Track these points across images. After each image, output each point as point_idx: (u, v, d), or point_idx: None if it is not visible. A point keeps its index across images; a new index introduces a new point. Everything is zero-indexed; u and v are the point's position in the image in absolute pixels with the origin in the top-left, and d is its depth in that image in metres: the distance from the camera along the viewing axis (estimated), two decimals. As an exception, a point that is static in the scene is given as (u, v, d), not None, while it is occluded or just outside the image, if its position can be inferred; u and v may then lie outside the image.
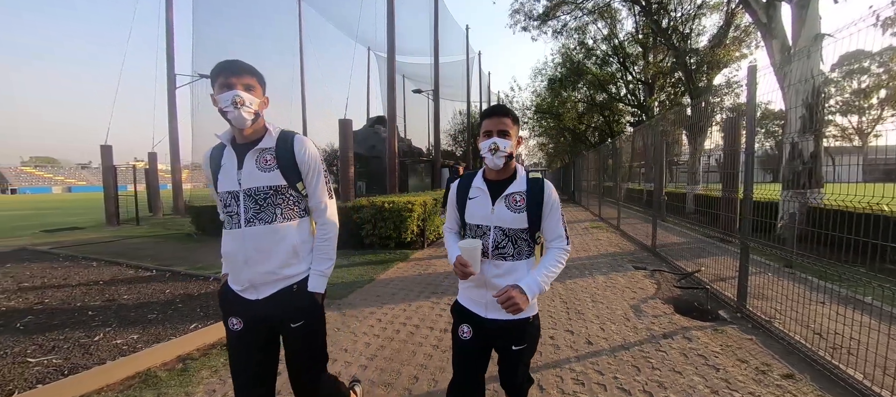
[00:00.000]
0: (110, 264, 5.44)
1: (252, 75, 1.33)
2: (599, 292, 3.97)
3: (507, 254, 1.31)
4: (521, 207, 1.30)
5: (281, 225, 1.32)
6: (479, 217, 1.35)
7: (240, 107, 1.26)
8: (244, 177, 1.31)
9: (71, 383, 2.16)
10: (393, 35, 9.30)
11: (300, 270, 1.36)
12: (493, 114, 1.32)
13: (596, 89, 20.10)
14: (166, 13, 12.80)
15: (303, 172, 1.36)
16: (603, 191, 11.90)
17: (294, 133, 1.39)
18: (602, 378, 2.28)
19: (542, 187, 1.32)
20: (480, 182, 1.38)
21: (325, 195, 1.41)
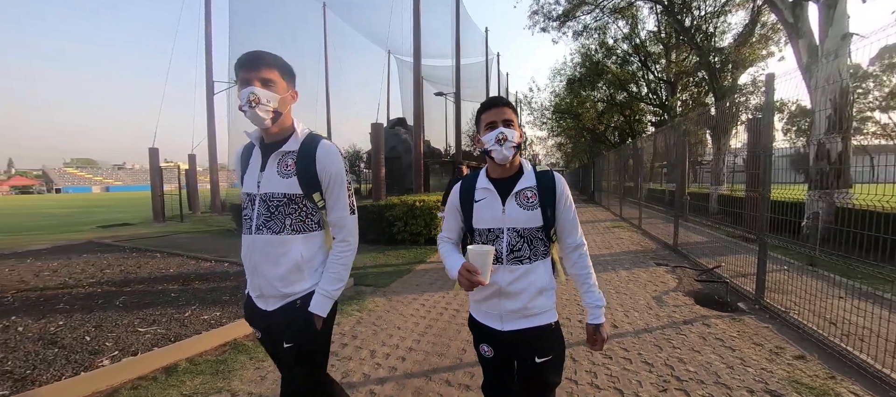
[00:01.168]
0: (172, 255, 6.07)
1: (272, 67, 1.18)
2: (622, 285, 4.24)
3: (523, 256, 1.19)
4: (534, 203, 1.19)
5: (287, 237, 1.21)
6: (488, 220, 1.21)
7: (255, 106, 1.15)
8: (263, 181, 1.22)
9: (180, 347, 2.64)
10: (419, 43, 9.73)
11: (304, 287, 1.23)
12: (493, 105, 1.22)
13: (616, 88, 20.01)
14: (206, 26, 13.68)
15: (322, 183, 1.23)
16: (624, 191, 11.97)
17: (320, 138, 1.26)
18: (627, 354, 2.58)
19: (553, 179, 1.22)
20: (485, 182, 1.24)
21: (345, 210, 1.26)
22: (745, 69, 12.28)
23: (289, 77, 1.24)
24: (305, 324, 1.21)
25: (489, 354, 1.27)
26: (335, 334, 3.00)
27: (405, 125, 24.80)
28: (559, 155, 43.04)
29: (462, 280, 1.13)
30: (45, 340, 2.80)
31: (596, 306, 1.23)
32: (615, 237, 7.68)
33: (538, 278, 1.19)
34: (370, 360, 2.55)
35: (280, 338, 1.23)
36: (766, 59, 12.39)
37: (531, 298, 1.18)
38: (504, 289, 1.19)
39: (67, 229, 11.04)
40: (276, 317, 1.23)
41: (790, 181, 3.98)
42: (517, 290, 1.18)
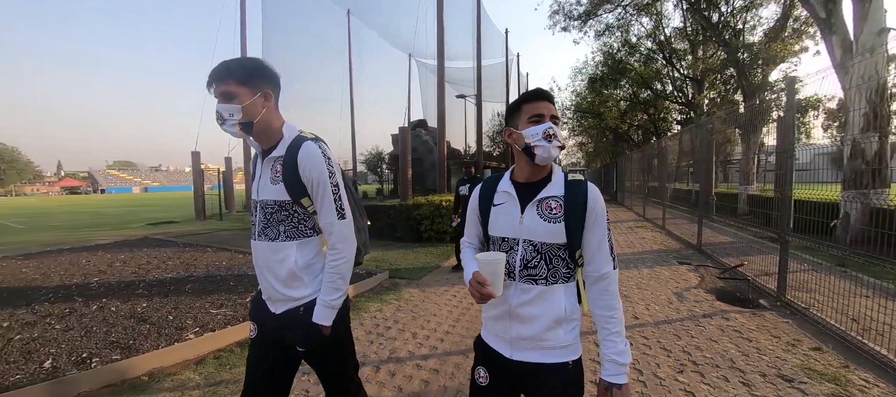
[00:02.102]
0: (221, 250, 6.66)
1: (227, 79, 1.13)
2: (644, 282, 4.40)
3: (538, 276, 1.02)
4: (558, 216, 1.02)
5: (282, 243, 1.20)
6: (504, 228, 1.07)
7: (224, 123, 1.14)
8: (260, 188, 1.23)
9: (238, 330, 3.06)
10: (442, 49, 10.07)
11: (306, 293, 1.22)
12: (540, 97, 1.06)
13: (639, 86, 19.70)
14: (241, 35, 14.55)
15: (307, 187, 1.19)
16: (648, 191, 11.88)
17: (304, 139, 1.21)
18: (647, 341, 2.80)
19: (586, 192, 1.03)
20: (507, 184, 1.10)
21: (333, 215, 1.20)
22: (776, 65, 11.92)
23: (254, 81, 1.15)
24: (311, 331, 1.19)
25: (483, 381, 1.10)
26: (378, 319, 3.36)
27: (426, 127, 25.28)
28: (580, 154, 42.45)
29: (473, 292, 1.00)
30: (136, 318, 3.29)
31: (615, 360, 0.99)
32: (638, 237, 7.74)
33: (556, 305, 1.01)
34: (412, 341, 2.88)
35: (282, 338, 1.23)
36: (798, 54, 11.98)
37: (547, 327, 1.01)
38: (514, 311, 1.04)
39: (121, 226, 12.07)
40: (282, 322, 1.22)
41: (832, 180, 3.93)
42: (529, 315, 1.02)
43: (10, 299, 3.88)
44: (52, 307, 3.63)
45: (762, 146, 10.48)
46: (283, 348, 1.24)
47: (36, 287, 4.38)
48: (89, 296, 4.00)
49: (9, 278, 4.79)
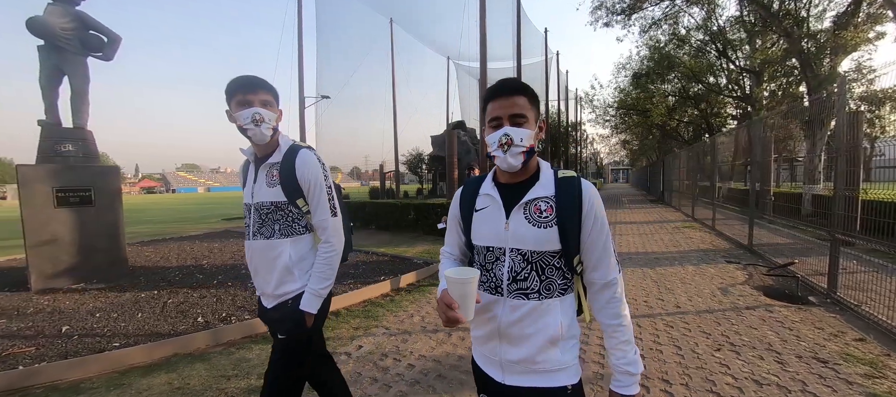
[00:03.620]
0: (293, 242, 7.62)
1: (267, 90, 1.32)
2: (689, 278, 4.57)
3: (529, 290, 0.91)
4: (549, 220, 0.90)
5: (277, 241, 1.32)
6: (488, 236, 0.96)
7: (260, 125, 1.27)
8: (255, 191, 1.35)
9: (335, 301, 3.74)
10: (485, 51, 10.51)
11: (295, 287, 1.34)
12: (500, 92, 0.92)
13: (689, 81, 18.75)
14: (298, 49, 15.96)
15: (304, 189, 1.33)
16: (698, 191, 11.48)
17: (299, 148, 1.37)
18: (687, 326, 3.08)
19: (580, 190, 0.92)
20: (490, 186, 0.98)
21: (327, 213, 1.34)
22: (846, 54, 10.98)
23: (277, 98, 1.37)
24: (297, 321, 1.30)
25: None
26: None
27: (464, 128, 25.83)
28: (623, 152, 40.76)
29: (440, 314, 0.87)
30: (250, 290, 4.12)
31: (626, 370, 0.89)
32: (684, 236, 7.69)
33: (551, 322, 0.90)
34: (473, 317, 3.39)
35: (275, 330, 1.36)
36: (874, 41, 10.95)
37: (540, 349, 0.90)
38: (504, 330, 0.92)
39: (201, 221, 13.83)
40: (272, 314, 1.36)
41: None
42: (520, 335, 0.91)
43: (148, 277, 4.92)
44: (184, 281, 4.59)
45: (830, 143, 9.78)
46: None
47: (162, 267, 5.46)
48: (206, 274, 4.95)
49: (140, 261, 5.95)
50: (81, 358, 2.60)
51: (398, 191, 20.90)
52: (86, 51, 4.92)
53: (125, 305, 3.74)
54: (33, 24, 4.50)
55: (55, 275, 4.44)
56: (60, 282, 4.46)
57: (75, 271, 4.58)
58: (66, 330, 3.14)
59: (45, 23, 4.53)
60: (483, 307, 0.95)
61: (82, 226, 4.65)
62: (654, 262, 5.39)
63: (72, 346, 2.84)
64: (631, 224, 10.00)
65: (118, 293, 4.15)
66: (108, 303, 3.81)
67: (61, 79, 4.83)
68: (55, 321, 3.35)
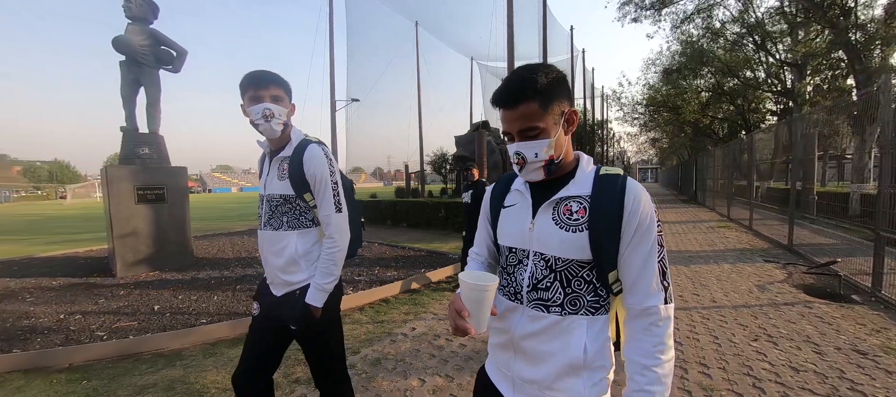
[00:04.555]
0: (331, 238, 8.10)
1: (279, 85, 1.34)
2: (725, 275, 4.59)
3: (551, 301, 0.79)
4: (580, 223, 0.77)
5: (285, 233, 1.37)
6: (512, 236, 0.86)
7: (270, 120, 1.30)
8: (268, 183, 1.41)
9: (384, 289, 4.07)
10: (512, 50, 10.66)
11: (302, 278, 1.37)
12: (502, 104, 0.79)
13: (725, 75, 18.04)
14: (329, 54, 16.66)
15: (310, 184, 1.35)
16: (734, 190, 11.13)
17: (308, 142, 1.39)
18: (723, 319, 3.18)
19: (622, 190, 0.77)
20: (521, 182, 0.88)
21: (331, 208, 1.36)
22: (900, 45, 10.31)
23: (289, 93, 1.39)
24: (304, 311, 1.34)
25: None
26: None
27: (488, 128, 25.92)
28: (652, 151, 39.43)
29: (450, 320, 0.79)
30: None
31: (646, 392, 0.73)
32: (720, 236, 7.56)
33: (573, 343, 0.77)
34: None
35: (279, 317, 1.37)
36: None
37: (559, 374, 0.78)
38: (518, 343, 0.83)
39: (242, 218, 14.75)
40: (281, 304, 1.38)
41: None
42: (535, 352, 0.80)
43: (212, 266, 5.46)
44: (245, 270, 5.08)
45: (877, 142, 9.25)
46: (280, 326, 1.38)
47: (222, 258, 6.01)
48: (254, 268, 5.44)
49: (200, 252, 6.56)
50: (177, 331, 3.04)
51: (423, 191, 21.32)
52: (159, 64, 5.53)
53: (201, 289, 4.23)
54: (118, 43, 5.12)
55: (135, 263, 5.04)
56: (140, 270, 5.05)
57: (151, 260, 5.17)
58: (158, 309, 3.63)
59: (127, 41, 5.15)
60: (500, 314, 0.86)
61: (157, 220, 5.24)
62: (688, 260, 5.41)
63: (166, 322, 3.31)
64: (662, 223, 9.85)
65: (192, 279, 4.68)
66: (187, 287, 4.32)
67: (139, 89, 5.46)
68: (146, 301, 3.86)
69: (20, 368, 2.62)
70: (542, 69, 0.76)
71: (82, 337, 3.02)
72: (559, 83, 0.78)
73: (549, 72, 0.77)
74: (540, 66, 0.78)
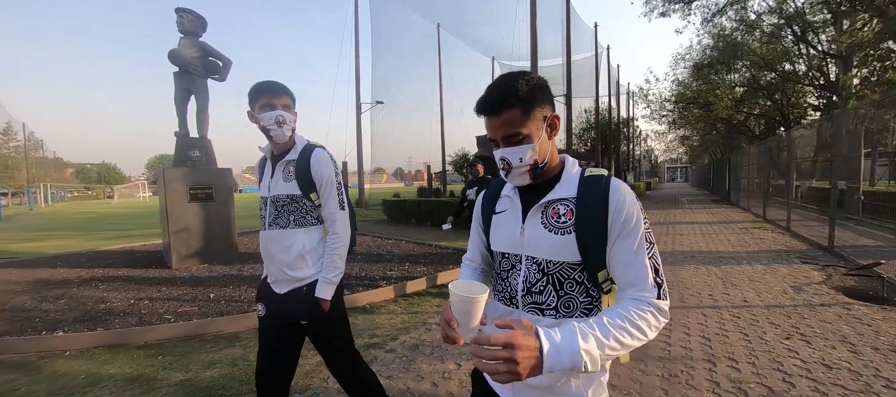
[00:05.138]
0: (360, 235, 8.44)
1: (288, 95, 1.45)
2: (758, 276, 4.51)
3: (545, 305, 0.81)
4: (567, 225, 0.79)
5: (292, 230, 1.44)
6: (504, 241, 0.88)
7: (282, 126, 1.41)
8: (272, 185, 1.48)
9: (414, 283, 4.28)
10: (535, 49, 10.68)
11: (309, 273, 1.45)
12: (486, 111, 0.80)
13: (761, 69, 17.19)
14: (355, 59, 17.20)
15: (317, 184, 1.45)
16: (770, 190, 10.66)
17: (314, 147, 1.49)
18: (755, 318, 3.18)
19: (606, 191, 0.78)
20: (511, 188, 0.89)
21: (336, 206, 1.47)
22: (961, 33, 9.54)
23: (294, 102, 1.48)
24: (313, 305, 1.43)
25: None
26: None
27: (510, 127, 25.81)
28: (682, 149, 37.95)
29: (441, 330, 0.78)
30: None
31: (570, 341, 0.66)
32: (754, 237, 7.32)
33: None
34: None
35: (286, 315, 1.45)
36: None
37: (558, 377, 0.79)
38: None
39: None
40: (287, 300, 1.45)
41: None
42: None
43: (255, 260, 5.86)
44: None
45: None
46: (288, 323, 1.45)
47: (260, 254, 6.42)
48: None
49: (241, 248, 7.04)
50: (233, 316, 3.36)
51: (445, 191, 21.55)
52: (207, 74, 6.00)
53: (248, 281, 4.60)
54: (173, 55, 5.61)
55: (188, 257, 5.51)
56: (191, 263, 5.52)
57: (201, 254, 5.63)
58: (213, 297, 4.01)
59: (180, 53, 5.63)
60: (499, 317, 0.85)
61: (206, 217, 5.70)
62: (718, 261, 5.33)
63: (222, 308, 3.66)
64: (692, 224, 9.61)
65: (238, 272, 5.08)
66: (235, 279, 4.70)
67: (189, 98, 5.95)
68: (201, 290, 4.26)
69: (105, 344, 3.01)
70: (523, 77, 0.79)
71: (153, 320, 3.40)
72: (540, 90, 0.80)
73: (530, 79, 0.79)
74: (521, 74, 0.79)
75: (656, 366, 2.42)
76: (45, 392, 2.36)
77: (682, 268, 5.01)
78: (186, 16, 5.73)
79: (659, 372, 2.35)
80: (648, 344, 2.67)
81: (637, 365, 2.44)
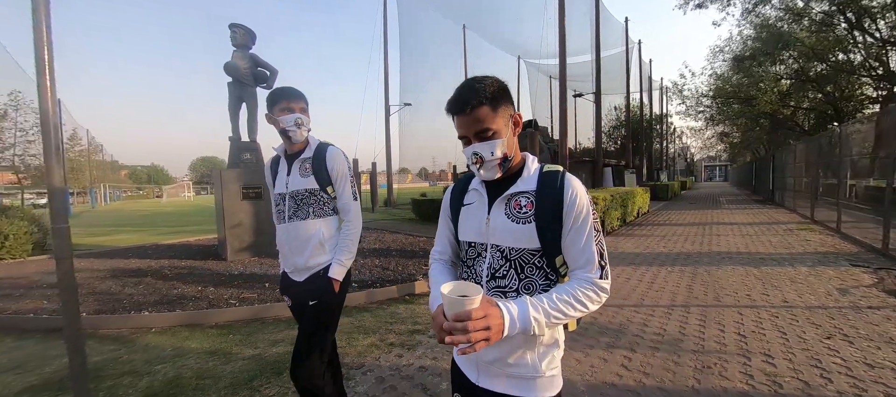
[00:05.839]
0: (393, 233, 8.79)
1: (303, 99, 1.61)
2: (801, 278, 4.38)
3: (508, 288, 0.90)
4: (527, 216, 0.88)
5: (312, 221, 1.59)
6: (472, 231, 0.96)
7: (300, 127, 1.56)
8: (290, 182, 1.62)
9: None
10: (564, 48, 10.64)
11: (325, 259, 1.60)
12: (459, 110, 0.88)
13: (809, 60, 16.07)
14: (383, 63, 17.72)
15: (332, 179, 1.61)
16: (820, 189, 10.03)
17: (328, 145, 1.65)
18: (794, 318, 3.15)
19: (562, 185, 0.88)
20: (478, 182, 0.98)
21: (349, 198, 1.63)
22: None
23: (308, 105, 1.64)
24: (326, 287, 1.57)
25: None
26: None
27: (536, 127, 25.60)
28: (720, 147, 35.93)
29: (435, 330, 0.80)
30: (381, 267, 5.15)
31: (525, 311, 0.79)
32: (799, 239, 6.99)
33: None
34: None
35: (307, 300, 1.58)
36: None
37: (514, 351, 0.87)
38: None
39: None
40: (304, 285, 1.60)
41: None
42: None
43: (299, 254, 6.32)
44: (326, 259, 5.85)
45: None
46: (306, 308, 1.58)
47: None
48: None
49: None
50: (288, 303, 3.73)
51: (471, 190, 21.72)
52: (257, 83, 6.53)
53: (295, 273, 5.01)
54: (228, 67, 6.16)
55: (241, 250, 6.03)
56: (244, 255, 6.04)
57: (252, 248, 6.14)
58: (269, 286, 4.43)
59: (235, 65, 6.18)
60: None
61: (256, 214, 6.21)
62: (758, 262, 5.19)
63: (278, 295, 4.04)
64: (730, 224, 9.25)
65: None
66: (283, 271, 5.13)
67: (241, 105, 6.49)
68: (257, 279, 4.70)
69: (183, 324, 3.46)
70: (488, 80, 0.89)
71: (220, 304, 3.84)
72: (504, 91, 0.90)
73: (494, 82, 0.89)
74: (486, 77, 0.89)
75: (689, 358, 2.50)
76: (142, 360, 2.79)
77: (718, 268, 4.93)
78: (239, 31, 6.26)
79: (692, 363, 2.44)
80: (681, 337, 2.74)
81: (670, 356, 2.54)
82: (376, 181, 18.98)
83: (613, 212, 8.19)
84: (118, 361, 2.78)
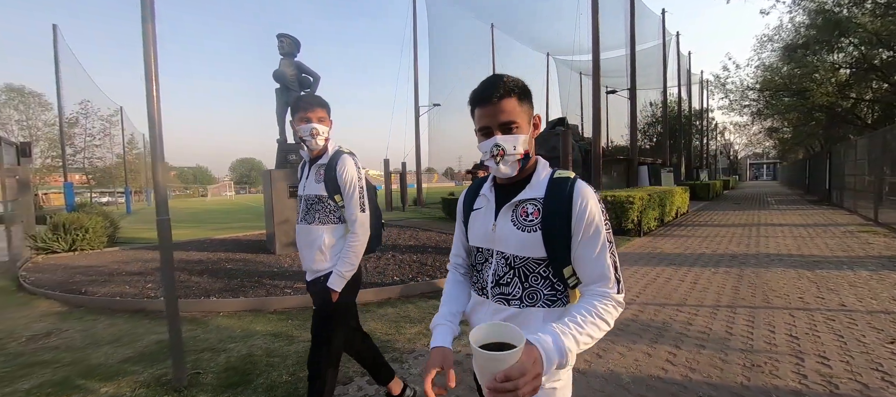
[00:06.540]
0: (424, 230, 9.03)
1: (322, 107, 1.63)
2: (861, 282, 4.13)
3: (511, 296, 0.88)
4: (534, 223, 0.86)
5: (316, 227, 1.63)
6: (480, 236, 0.96)
7: (315, 137, 1.60)
8: (306, 186, 1.67)
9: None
10: (597, 46, 10.44)
11: (326, 266, 1.63)
12: (485, 99, 0.86)
13: (873, 47, 14.67)
14: (413, 66, 18.08)
15: (341, 187, 1.61)
16: (886, 189, 9.21)
17: (342, 153, 1.67)
18: (853, 322, 3.02)
19: (572, 192, 0.84)
20: (488, 187, 0.97)
21: (357, 209, 1.62)
22: None
23: (329, 112, 1.67)
24: (325, 294, 1.60)
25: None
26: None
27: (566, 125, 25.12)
28: (769, 143, 33.46)
29: (427, 388, 0.77)
30: (419, 263, 5.37)
31: (556, 344, 0.72)
32: (860, 241, 6.51)
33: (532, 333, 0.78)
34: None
35: (315, 299, 1.66)
36: None
37: None
38: None
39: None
40: (312, 286, 1.69)
41: None
42: None
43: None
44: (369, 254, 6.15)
45: None
46: None
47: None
48: (380, 249, 6.48)
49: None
50: (337, 293, 4.02)
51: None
52: (302, 88, 6.96)
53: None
54: (276, 75, 6.63)
55: (288, 244, 6.47)
56: (291, 249, 6.46)
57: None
58: (317, 278, 4.76)
59: (282, 73, 6.63)
60: (471, 308, 0.98)
61: (301, 211, 6.63)
62: (812, 265, 4.92)
63: (326, 287, 4.36)
64: (781, 226, 8.72)
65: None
66: (328, 265, 5.47)
67: (288, 110, 6.95)
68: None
69: (247, 309, 3.82)
70: (512, 77, 0.88)
71: (276, 292, 4.19)
72: (528, 91, 0.90)
73: (520, 80, 0.89)
74: (508, 76, 0.88)
75: (737, 356, 2.49)
76: (216, 339, 3.13)
77: (767, 270, 4.73)
78: (285, 40, 6.71)
79: (740, 361, 2.43)
80: (728, 336, 2.74)
81: (716, 353, 2.53)
82: (406, 180, 19.42)
83: (651, 211, 7.97)
84: (196, 339, 3.15)
